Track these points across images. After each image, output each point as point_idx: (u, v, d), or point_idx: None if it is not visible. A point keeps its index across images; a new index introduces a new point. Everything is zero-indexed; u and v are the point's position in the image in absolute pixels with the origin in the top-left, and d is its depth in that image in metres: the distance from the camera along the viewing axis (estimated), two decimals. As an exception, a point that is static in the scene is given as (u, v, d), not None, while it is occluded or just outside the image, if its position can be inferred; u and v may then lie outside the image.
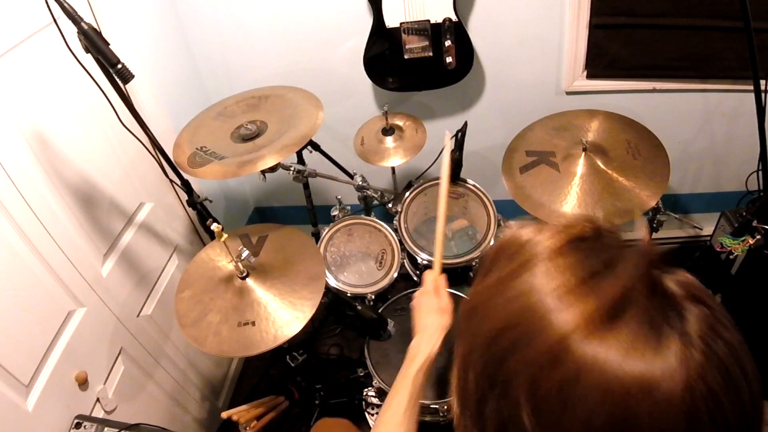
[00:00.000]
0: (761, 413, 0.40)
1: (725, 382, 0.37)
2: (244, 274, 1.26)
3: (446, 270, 1.73)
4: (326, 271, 1.61)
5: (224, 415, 1.38)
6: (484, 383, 0.45)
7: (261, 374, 2.04)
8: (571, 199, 1.39)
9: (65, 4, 0.98)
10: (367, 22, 1.71)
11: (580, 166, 1.43)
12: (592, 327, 0.39)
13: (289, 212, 2.44)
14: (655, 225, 1.59)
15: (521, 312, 0.42)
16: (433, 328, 0.92)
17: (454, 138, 1.46)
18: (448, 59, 1.70)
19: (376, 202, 1.83)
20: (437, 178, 1.73)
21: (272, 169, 1.42)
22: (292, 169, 1.56)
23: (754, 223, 1.36)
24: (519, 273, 0.44)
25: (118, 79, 1.07)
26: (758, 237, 1.35)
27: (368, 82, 1.84)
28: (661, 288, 0.41)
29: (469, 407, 0.47)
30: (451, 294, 1.00)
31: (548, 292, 0.42)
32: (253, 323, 1.19)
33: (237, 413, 1.38)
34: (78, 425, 1.14)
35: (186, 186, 1.40)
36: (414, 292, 1.63)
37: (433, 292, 0.98)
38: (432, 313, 0.94)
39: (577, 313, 0.39)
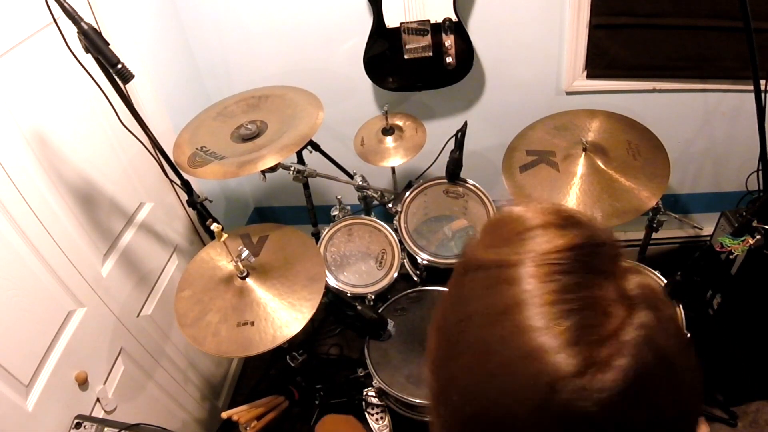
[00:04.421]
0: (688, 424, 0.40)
1: (645, 391, 0.37)
2: (244, 274, 1.25)
3: (448, 270, 1.72)
4: (326, 271, 1.61)
5: (224, 415, 1.38)
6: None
7: (261, 374, 2.04)
8: (571, 198, 1.39)
9: (65, 4, 0.98)
10: (367, 22, 1.71)
11: (580, 165, 1.43)
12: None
13: (289, 212, 2.44)
14: (655, 225, 1.59)
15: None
16: None
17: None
18: (448, 59, 1.70)
19: (376, 202, 1.83)
20: (437, 178, 1.74)
21: (272, 169, 1.42)
22: (292, 169, 1.56)
23: (754, 223, 1.36)
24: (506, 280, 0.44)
25: (118, 79, 1.07)
26: (758, 237, 1.35)
27: (368, 82, 1.84)
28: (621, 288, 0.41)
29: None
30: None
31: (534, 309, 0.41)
32: (252, 323, 1.19)
33: (237, 413, 1.38)
34: (78, 425, 1.14)
35: (186, 186, 1.40)
36: (413, 292, 1.65)
37: None
38: None
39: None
